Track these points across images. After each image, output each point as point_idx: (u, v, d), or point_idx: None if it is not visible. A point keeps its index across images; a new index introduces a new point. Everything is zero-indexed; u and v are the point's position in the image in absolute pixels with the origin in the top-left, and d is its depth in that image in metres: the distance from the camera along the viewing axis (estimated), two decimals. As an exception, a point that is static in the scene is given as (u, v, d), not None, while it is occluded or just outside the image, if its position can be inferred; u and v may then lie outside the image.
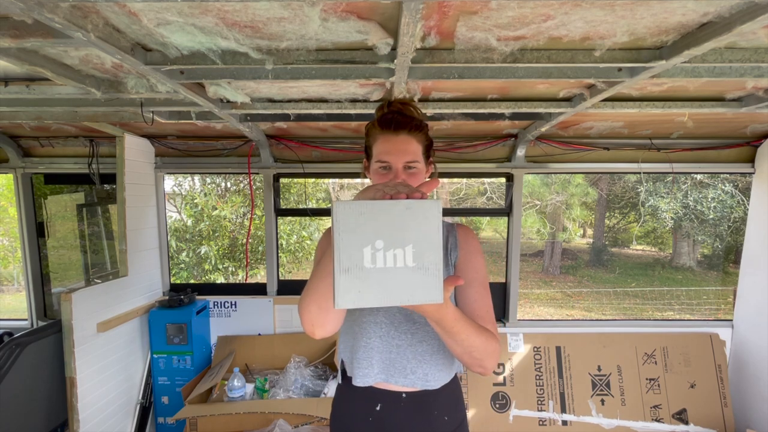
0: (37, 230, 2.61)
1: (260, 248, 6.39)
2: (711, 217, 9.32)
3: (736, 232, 9.48)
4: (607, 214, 12.05)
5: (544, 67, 1.29)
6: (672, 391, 2.45)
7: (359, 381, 0.99)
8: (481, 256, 1.04)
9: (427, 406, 1.00)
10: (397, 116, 0.98)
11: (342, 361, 1.07)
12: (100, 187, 2.55)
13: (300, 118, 1.98)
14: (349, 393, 1.04)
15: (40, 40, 1.03)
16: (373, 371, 0.99)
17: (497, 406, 2.41)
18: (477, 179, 10.65)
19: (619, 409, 2.42)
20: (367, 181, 1.05)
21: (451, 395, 1.03)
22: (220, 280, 6.41)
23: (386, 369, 0.99)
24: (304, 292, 0.85)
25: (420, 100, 1.71)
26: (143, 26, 1.01)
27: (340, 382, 1.09)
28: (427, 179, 1.02)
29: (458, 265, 1.02)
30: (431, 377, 0.99)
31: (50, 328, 2.01)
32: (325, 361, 2.46)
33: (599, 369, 2.48)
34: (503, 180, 2.58)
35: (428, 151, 1.02)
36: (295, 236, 6.88)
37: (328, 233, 1.07)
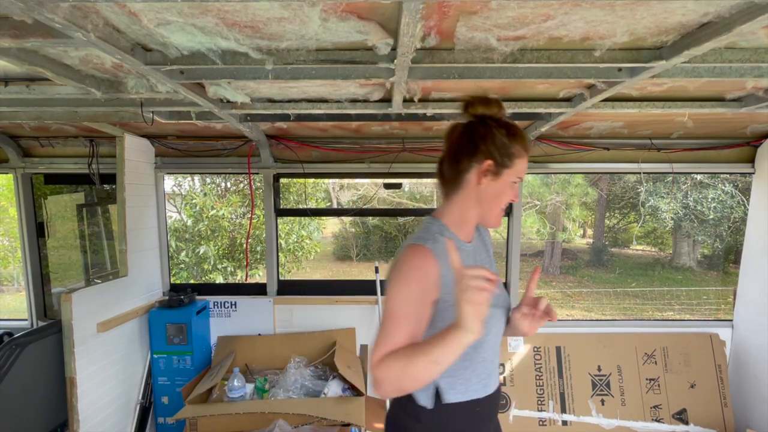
0: (37, 230, 2.61)
1: (259, 248, 6.39)
2: (711, 217, 9.32)
3: (736, 232, 9.47)
4: (607, 214, 12.03)
5: (544, 67, 1.29)
6: (672, 391, 2.45)
7: (460, 396, 1.02)
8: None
9: (497, 402, 1.13)
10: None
11: (437, 386, 0.99)
12: (100, 187, 2.55)
13: (300, 118, 1.97)
14: (449, 411, 1.00)
15: (40, 40, 1.03)
16: (472, 386, 1.04)
17: (497, 406, 2.41)
18: (477, 179, 10.59)
19: (619, 409, 2.42)
20: (482, 185, 0.98)
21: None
22: (219, 280, 6.41)
23: (485, 379, 1.06)
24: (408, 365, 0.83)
25: (420, 100, 1.71)
26: (143, 26, 1.01)
27: (430, 407, 1.00)
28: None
29: None
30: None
31: (50, 328, 2.00)
32: (325, 361, 2.45)
33: (599, 369, 2.48)
34: (503, 180, 2.58)
35: None
36: (294, 236, 6.89)
37: (428, 259, 0.92)
